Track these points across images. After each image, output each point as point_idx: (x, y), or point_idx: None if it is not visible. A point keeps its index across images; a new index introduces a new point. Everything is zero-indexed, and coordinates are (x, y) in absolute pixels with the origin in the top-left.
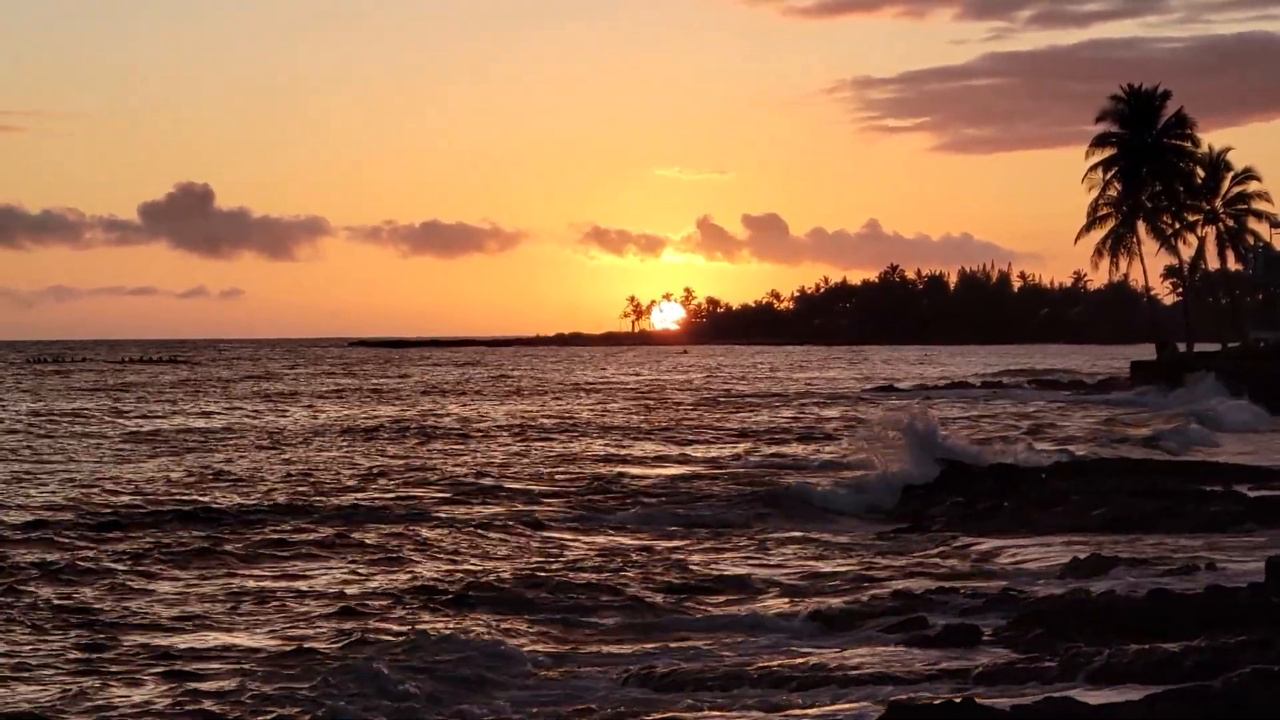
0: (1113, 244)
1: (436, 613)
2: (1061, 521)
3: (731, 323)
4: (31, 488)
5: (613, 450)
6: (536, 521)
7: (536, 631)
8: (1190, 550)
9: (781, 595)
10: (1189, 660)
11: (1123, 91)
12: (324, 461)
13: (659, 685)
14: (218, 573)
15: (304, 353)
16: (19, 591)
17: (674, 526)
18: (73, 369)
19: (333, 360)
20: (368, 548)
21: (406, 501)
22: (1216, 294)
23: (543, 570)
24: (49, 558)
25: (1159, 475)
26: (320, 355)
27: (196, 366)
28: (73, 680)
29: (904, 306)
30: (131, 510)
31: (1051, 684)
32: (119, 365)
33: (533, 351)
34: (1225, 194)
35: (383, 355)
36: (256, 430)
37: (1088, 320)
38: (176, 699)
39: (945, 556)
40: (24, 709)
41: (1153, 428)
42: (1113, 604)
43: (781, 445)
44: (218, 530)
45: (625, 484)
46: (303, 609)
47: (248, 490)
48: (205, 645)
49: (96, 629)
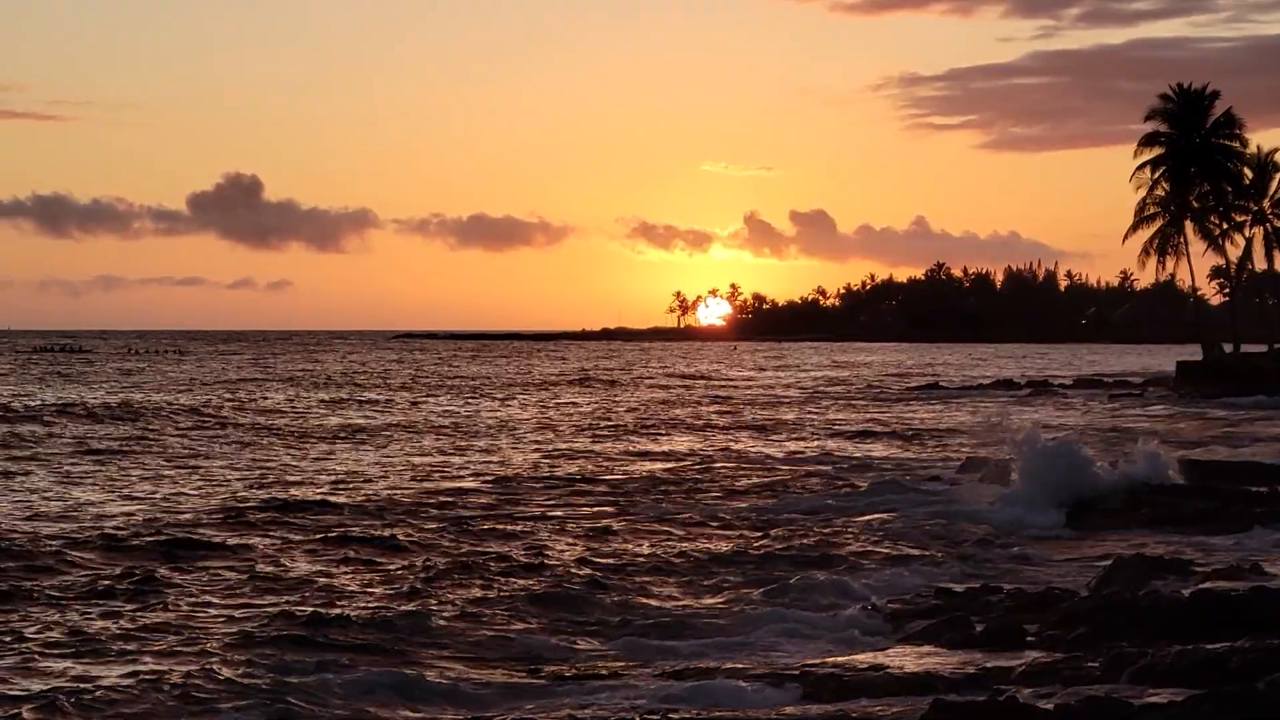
0: (1160, 244)
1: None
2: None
3: (777, 319)
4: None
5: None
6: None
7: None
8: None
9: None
10: (1233, 661)
11: (1171, 91)
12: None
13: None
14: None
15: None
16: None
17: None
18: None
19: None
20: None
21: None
22: (1263, 295)
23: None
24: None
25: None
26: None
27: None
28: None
29: (950, 305)
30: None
31: (1094, 684)
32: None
33: (614, 346)
34: (1273, 195)
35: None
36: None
37: (1134, 320)
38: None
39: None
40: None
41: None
42: (1156, 604)
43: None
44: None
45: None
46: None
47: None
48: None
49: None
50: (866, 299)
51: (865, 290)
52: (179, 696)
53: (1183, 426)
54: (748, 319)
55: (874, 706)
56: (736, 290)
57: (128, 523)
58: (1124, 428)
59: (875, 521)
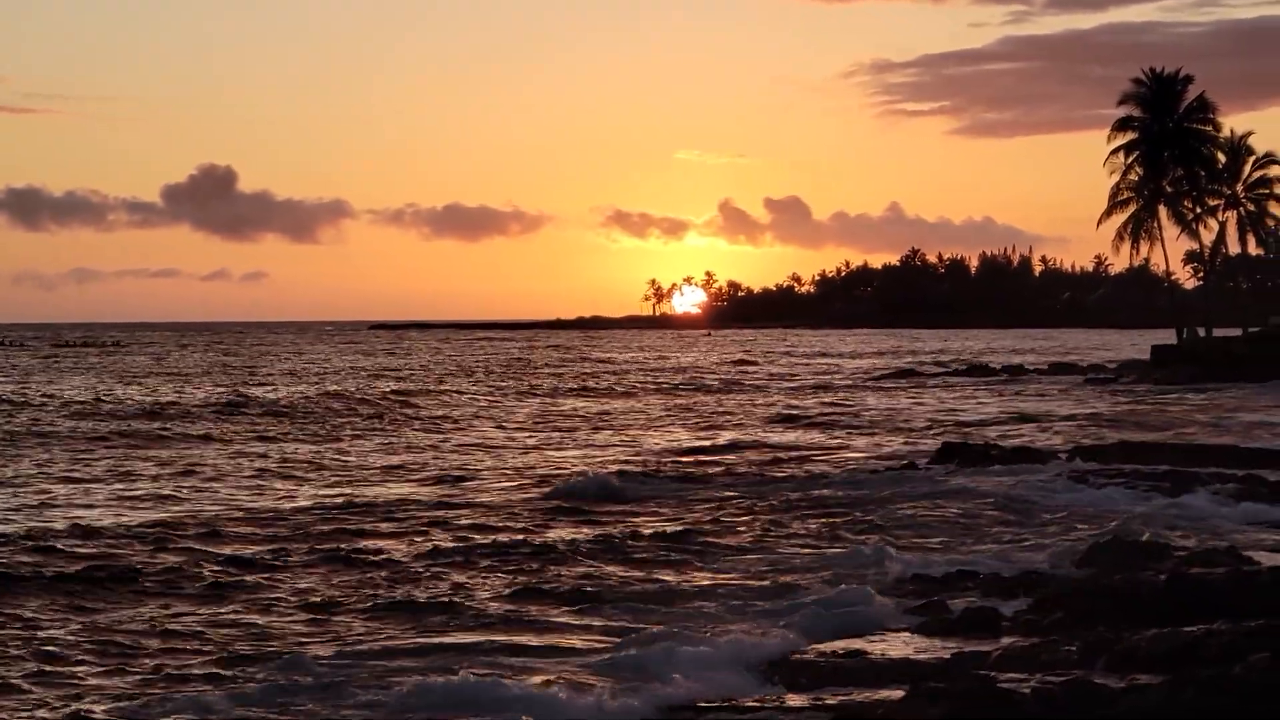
0: (1134, 228)
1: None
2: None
3: (752, 306)
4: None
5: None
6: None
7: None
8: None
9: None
10: (1210, 645)
11: (1144, 75)
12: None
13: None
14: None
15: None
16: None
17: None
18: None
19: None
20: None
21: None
22: (1237, 278)
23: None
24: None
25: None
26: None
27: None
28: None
29: (925, 291)
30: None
31: (1072, 668)
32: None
33: (606, 335)
34: (1246, 178)
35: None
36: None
37: (1108, 305)
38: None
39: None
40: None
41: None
42: (1133, 588)
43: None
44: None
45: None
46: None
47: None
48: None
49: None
50: (841, 286)
51: (840, 277)
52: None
53: (1149, 409)
54: (723, 306)
55: (853, 694)
56: (711, 278)
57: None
58: (1101, 415)
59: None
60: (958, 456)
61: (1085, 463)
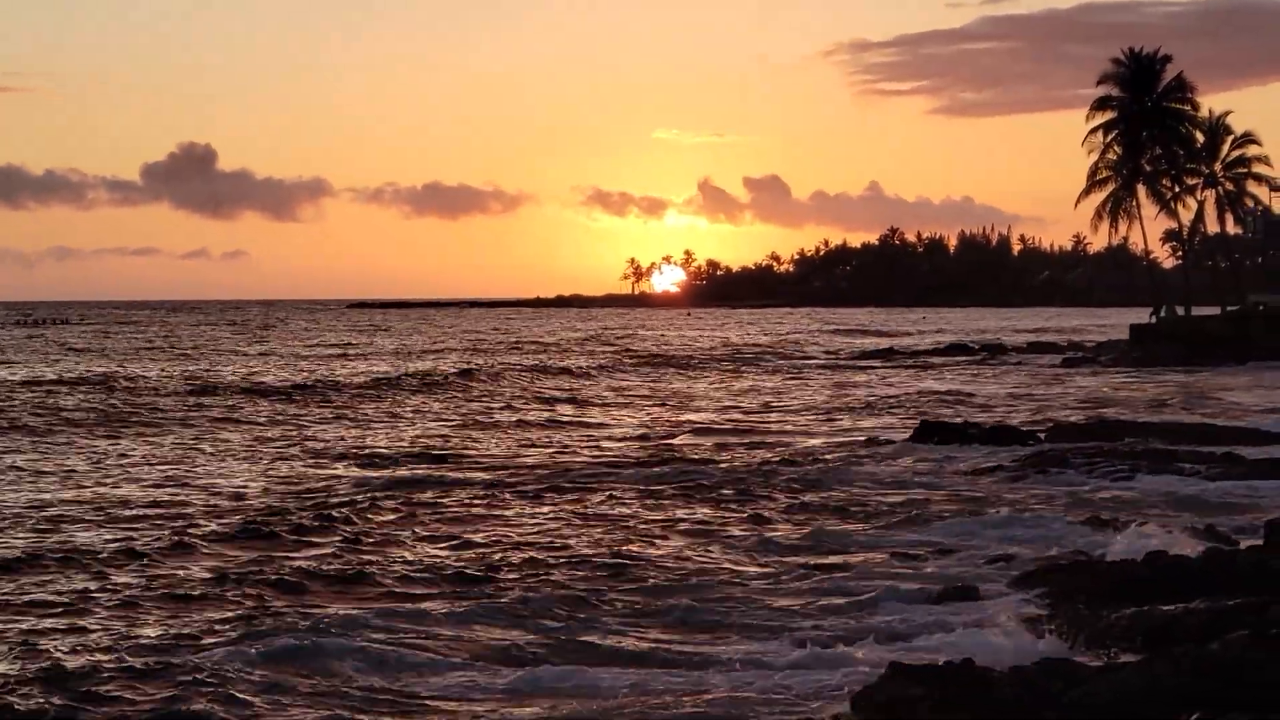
0: (1112, 207)
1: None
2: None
3: (730, 285)
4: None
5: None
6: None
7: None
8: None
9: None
10: (1187, 622)
11: (1123, 55)
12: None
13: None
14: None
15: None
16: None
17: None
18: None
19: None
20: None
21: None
22: (1216, 257)
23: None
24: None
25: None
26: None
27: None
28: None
29: (903, 269)
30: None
31: (1050, 645)
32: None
33: (598, 311)
34: (1225, 158)
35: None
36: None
37: (1087, 283)
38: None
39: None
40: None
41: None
42: (1111, 566)
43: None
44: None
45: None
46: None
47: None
48: None
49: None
50: (820, 265)
51: (819, 256)
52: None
53: (1127, 388)
54: (702, 285)
55: (830, 666)
56: (690, 257)
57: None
58: (1080, 394)
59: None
60: (936, 435)
61: (1064, 442)
